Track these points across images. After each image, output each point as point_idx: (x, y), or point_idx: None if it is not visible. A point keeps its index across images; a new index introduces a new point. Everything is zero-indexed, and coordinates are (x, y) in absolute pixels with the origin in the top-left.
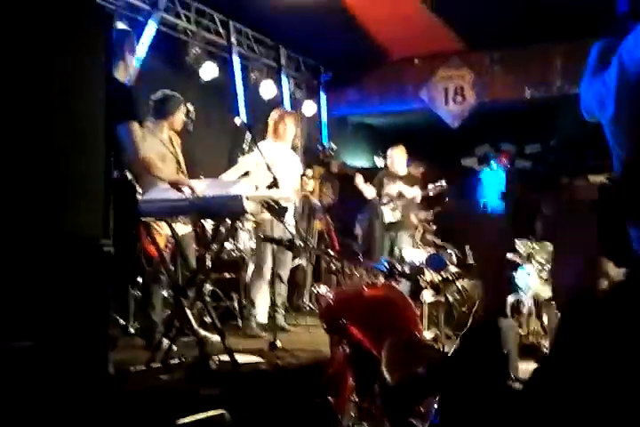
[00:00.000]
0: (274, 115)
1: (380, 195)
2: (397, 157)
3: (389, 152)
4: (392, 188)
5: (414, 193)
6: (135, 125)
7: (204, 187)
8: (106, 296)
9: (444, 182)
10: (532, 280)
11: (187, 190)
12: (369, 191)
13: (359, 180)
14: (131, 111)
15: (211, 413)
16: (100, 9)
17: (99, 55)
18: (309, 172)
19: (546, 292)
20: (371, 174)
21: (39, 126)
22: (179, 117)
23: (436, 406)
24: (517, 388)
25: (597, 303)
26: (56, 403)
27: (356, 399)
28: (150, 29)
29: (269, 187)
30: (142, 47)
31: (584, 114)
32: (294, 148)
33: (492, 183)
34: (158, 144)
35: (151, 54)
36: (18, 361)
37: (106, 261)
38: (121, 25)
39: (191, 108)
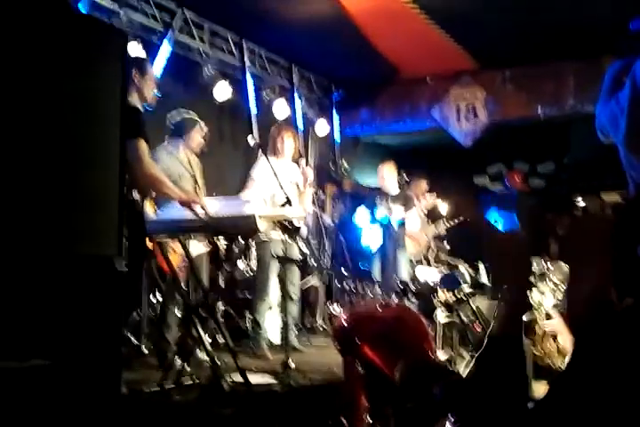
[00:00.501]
0: (272, 131)
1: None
2: (388, 175)
3: (379, 169)
4: (383, 210)
5: (408, 216)
6: (142, 143)
7: (216, 205)
8: (119, 315)
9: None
10: (546, 300)
11: (199, 209)
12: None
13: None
14: (139, 130)
15: None
16: (114, 29)
17: (115, 75)
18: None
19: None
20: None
21: (54, 146)
22: (195, 137)
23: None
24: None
25: (615, 315)
26: (69, 422)
27: (370, 420)
28: (164, 50)
29: (282, 205)
30: (156, 68)
31: (599, 134)
32: (296, 162)
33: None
34: (176, 164)
35: (165, 75)
36: (34, 379)
37: (119, 279)
38: (134, 47)
39: (205, 129)
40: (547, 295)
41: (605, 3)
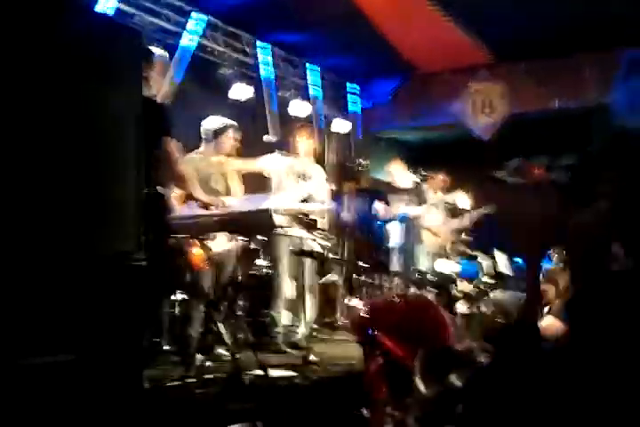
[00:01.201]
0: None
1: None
2: (397, 172)
3: (389, 169)
4: (396, 204)
5: (418, 212)
6: (170, 141)
7: (234, 203)
8: (140, 309)
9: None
10: None
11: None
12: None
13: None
14: (166, 130)
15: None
16: (130, 29)
17: (132, 74)
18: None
19: None
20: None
21: (74, 143)
22: (226, 142)
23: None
24: None
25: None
26: (93, 415)
27: (391, 411)
28: (181, 51)
29: (303, 201)
30: (173, 69)
31: (616, 119)
32: (318, 162)
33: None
34: (205, 166)
35: (182, 76)
36: (60, 374)
37: (139, 274)
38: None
39: (238, 132)
40: None
41: None
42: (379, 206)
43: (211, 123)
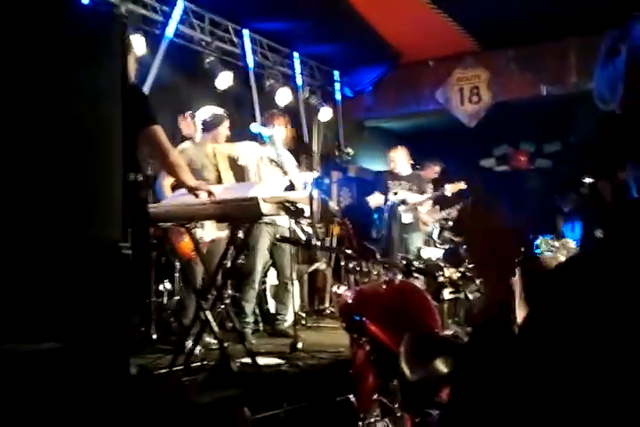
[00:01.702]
0: (265, 119)
1: (386, 199)
2: (399, 159)
3: (391, 155)
4: (397, 191)
5: (418, 199)
6: (159, 129)
7: (220, 191)
8: (126, 298)
9: (462, 184)
10: None
11: (203, 195)
12: (374, 201)
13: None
14: (152, 116)
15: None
16: (115, 18)
17: (115, 63)
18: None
19: None
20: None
21: (58, 131)
22: (222, 131)
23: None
24: None
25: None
26: (80, 403)
27: (378, 397)
28: (165, 41)
29: (286, 189)
30: (157, 58)
31: (598, 103)
32: (299, 149)
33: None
34: (200, 156)
35: (167, 65)
36: (46, 362)
37: (125, 263)
38: (136, 38)
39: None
40: None
41: None
42: (369, 197)
43: (207, 113)
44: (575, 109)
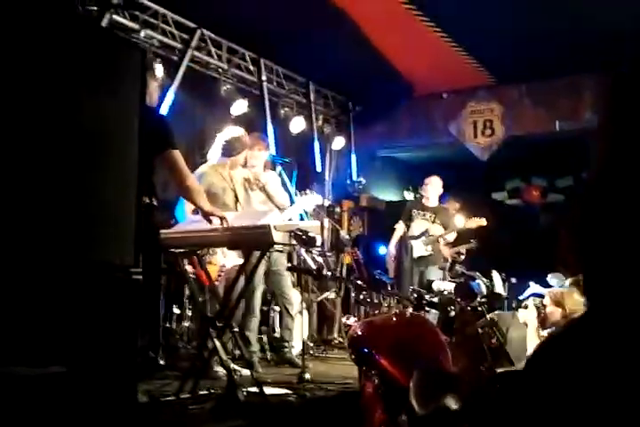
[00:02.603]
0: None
1: (408, 228)
2: (431, 189)
3: (426, 181)
4: (420, 222)
5: (440, 232)
6: (176, 153)
7: (232, 217)
8: (135, 323)
9: (484, 221)
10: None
11: (216, 221)
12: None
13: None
14: (170, 140)
15: None
16: (133, 44)
17: (134, 89)
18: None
19: None
20: (399, 208)
21: (75, 156)
22: (240, 160)
23: None
24: None
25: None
26: None
27: None
28: (182, 67)
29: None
30: (175, 85)
31: None
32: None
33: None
34: (219, 179)
35: (184, 91)
36: (52, 386)
37: (135, 288)
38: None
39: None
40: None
41: (623, 15)
42: (391, 248)
43: (228, 136)
44: (589, 145)
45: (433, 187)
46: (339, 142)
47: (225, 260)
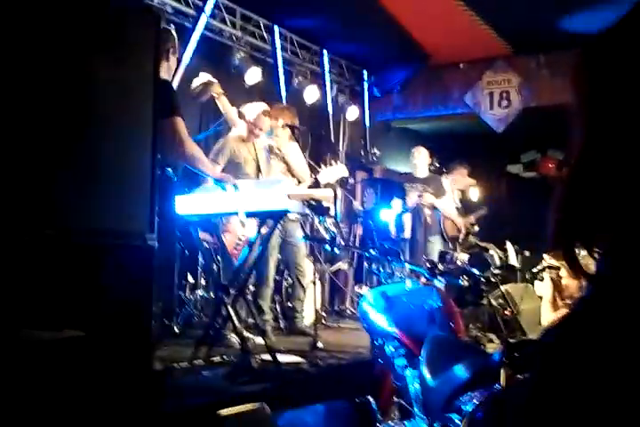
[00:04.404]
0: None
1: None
2: (419, 160)
3: (413, 152)
4: (413, 195)
5: (433, 201)
6: (179, 121)
7: (247, 186)
8: (150, 289)
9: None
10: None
11: (231, 187)
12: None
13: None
14: (174, 107)
15: (250, 405)
16: (149, 10)
17: (148, 54)
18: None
19: None
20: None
21: (89, 123)
22: (266, 122)
23: (476, 400)
24: None
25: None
26: (102, 392)
27: (398, 399)
28: (196, 34)
29: (310, 186)
30: (188, 52)
31: None
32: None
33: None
34: (244, 150)
35: (197, 59)
36: (68, 350)
37: (150, 254)
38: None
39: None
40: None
41: None
42: (394, 202)
43: (253, 111)
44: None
45: (421, 157)
46: (353, 112)
47: (244, 230)
